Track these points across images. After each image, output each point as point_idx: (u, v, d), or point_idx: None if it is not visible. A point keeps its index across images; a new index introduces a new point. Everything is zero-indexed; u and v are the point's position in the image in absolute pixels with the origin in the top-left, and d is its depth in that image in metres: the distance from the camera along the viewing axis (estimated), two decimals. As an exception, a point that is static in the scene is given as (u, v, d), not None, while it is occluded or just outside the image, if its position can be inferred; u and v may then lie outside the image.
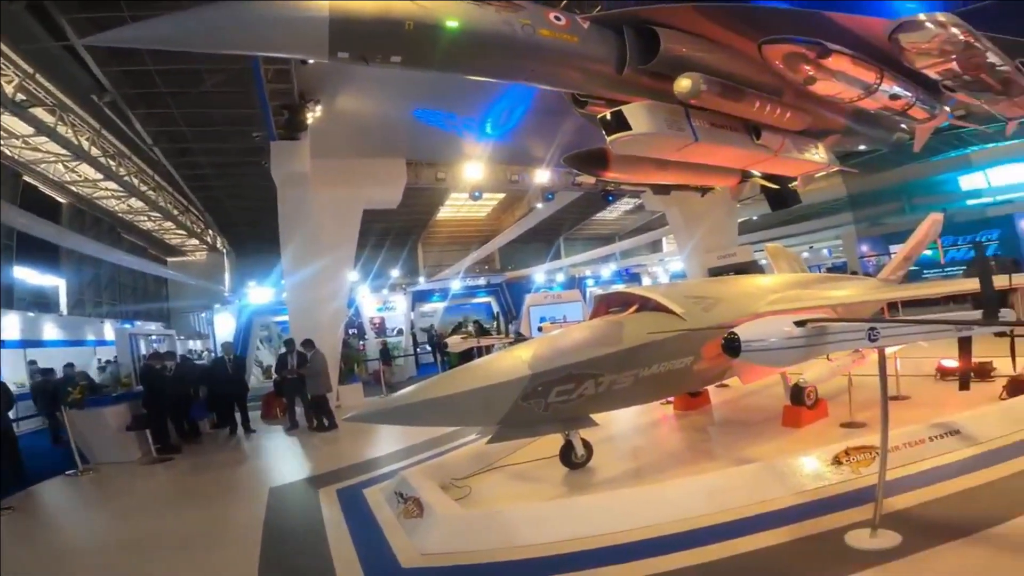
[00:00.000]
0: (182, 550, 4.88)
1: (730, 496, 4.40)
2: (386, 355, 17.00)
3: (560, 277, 26.88)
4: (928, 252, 14.95)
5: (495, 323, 20.53)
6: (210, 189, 18.60)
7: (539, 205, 18.72)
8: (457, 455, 6.50)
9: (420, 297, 22.48)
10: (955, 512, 3.85)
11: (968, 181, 20.26)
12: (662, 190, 14.04)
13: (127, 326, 17.81)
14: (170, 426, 8.99)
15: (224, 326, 16.25)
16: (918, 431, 5.04)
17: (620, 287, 7.95)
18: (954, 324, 4.01)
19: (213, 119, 13.27)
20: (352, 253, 11.55)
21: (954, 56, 5.72)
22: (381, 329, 19.38)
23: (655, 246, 30.66)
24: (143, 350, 14.18)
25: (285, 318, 13.28)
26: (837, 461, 4.68)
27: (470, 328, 18.33)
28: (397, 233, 26.06)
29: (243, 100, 11.35)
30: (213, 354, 15.80)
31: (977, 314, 4.03)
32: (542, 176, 14.22)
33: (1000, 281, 5.50)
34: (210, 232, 24.80)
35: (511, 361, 5.08)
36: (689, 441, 6.54)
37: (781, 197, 12.40)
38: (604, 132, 6.96)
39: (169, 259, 26.33)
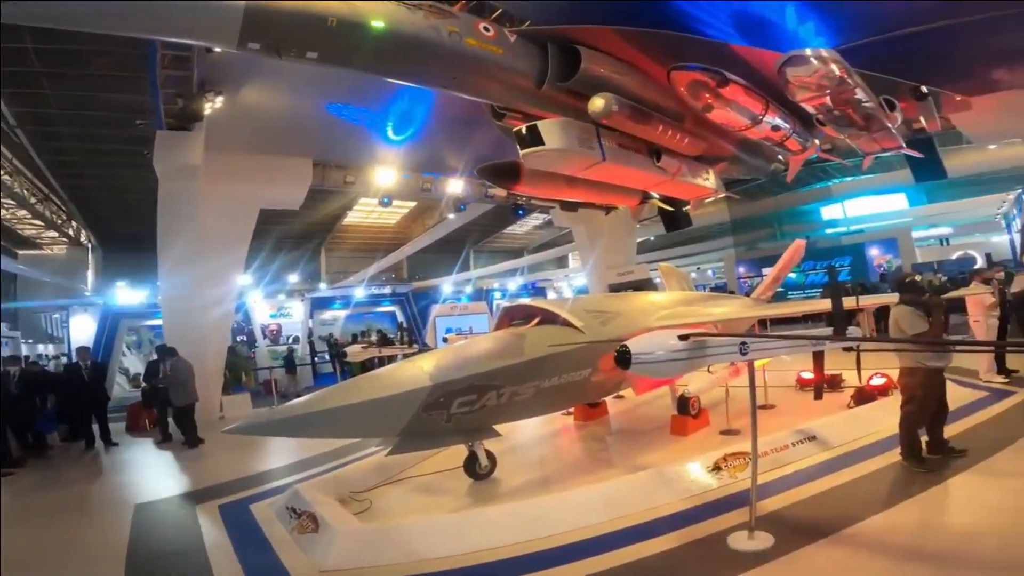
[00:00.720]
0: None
1: (626, 503, 4.61)
2: (291, 363, 15.90)
3: (468, 289, 26.86)
4: (792, 275, 16.98)
5: (399, 333, 20.05)
6: (79, 178, 16.42)
7: (451, 215, 18.65)
8: (356, 467, 6.22)
9: (320, 304, 21.28)
10: (817, 513, 4.28)
11: (828, 211, 23.46)
12: (570, 207, 14.52)
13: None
14: (10, 438, 7.83)
15: (83, 329, 14.15)
16: (782, 437, 5.60)
17: (525, 300, 8.15)
18: (809, 339, 4.59)
19: (92, 103, 11.77)
20: (243, 255, 10.65)
21: (829, 91, 6.44)
22: (276, 336, 18.12)
23: (561, 261, 31.67)
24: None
25: (159, 322, 11.93)
26: (717, 467, 5.08)
27: (372, 337, 17.72)
28: (299, 236, 24.59)
29: (131, 85, 10.16)
30: (67, 359, 13.74)
31: (828, 331, 4.60)
32: (455, 186, 14.12)
33: (848, 302, 6.41)
34: (73, 224, 21.76)
35: (413, 371, 4.99)
36: (588, 450, 6.77)
37: (675, 219, 13.39)
38: (518, 145, 7.11)
39: (20, 252, 22.62)
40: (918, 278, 5.10)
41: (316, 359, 17.02)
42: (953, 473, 4.62)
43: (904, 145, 9.03)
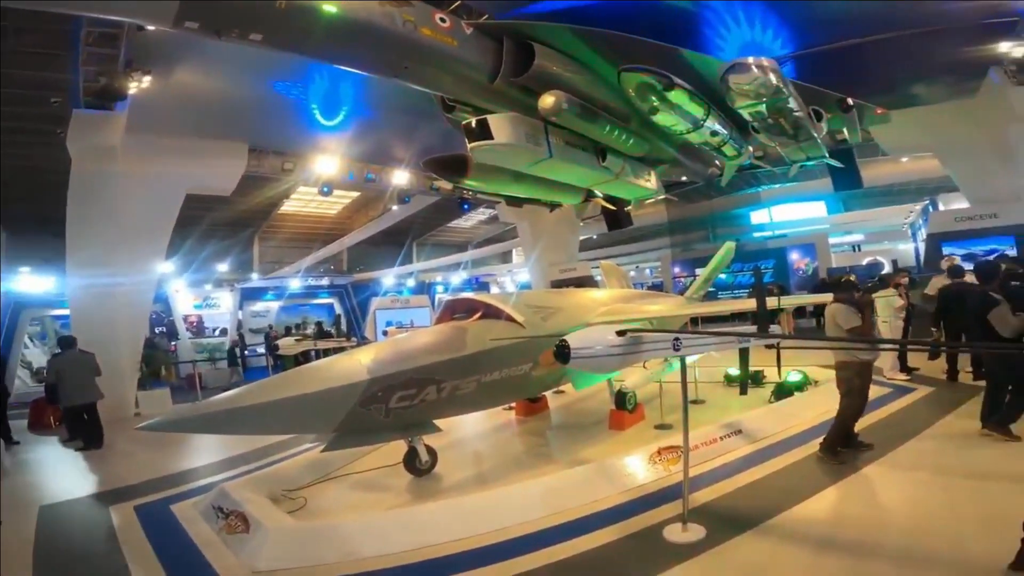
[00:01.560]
0: None
1: (566, 497, 4.70)
2: (234, 358, 14.94)
3: (411, 282, 26.41)
4: (722, 276, 17.89)
5: (336, 325, 19.41)
6: None
7: (395, 207, 18.27)
8: (290, 465, 5.98)
9: (251, 295, 20.19)
10: (744, 504, 4.52)
11: (757, 216, 24.95)
12: (515, 202, 14.63)
13: None
14: None
15: None
16: (712, 431, 5.89)
17: (467, 294, 8.13)
18: (735, 336, 4.85)
19: (10, 81, 10.53)
20: (165, 241, 9.96)
21: (765, 99, 6.81)
22: (198, 329, 17.01)
23: (505, 257, 31.85)
24: None
25: (67, 311, 10.94)
26: (652, 461, 5.26)
27: (309, 330, 17.06)
28: (231, 224, 23.05)
29: (53, 63, 9.21)
30: None
31: (752, 329, 4.87)
32: (400, 177, 13.86)
33: (771, 302, 6.84)
34: None
35: (349, 364, 4.84)
36: (529, 445, 6.83)
37: (617, 218, 13.80)
38: (467, 139, 7.05)
39: None
40: (853, 279, 5.49)
41: (246, 353, 16.10)
42: (862, 465, 5.00)
43: (827, 154, 9.71)
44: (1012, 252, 9.84)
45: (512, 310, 5.87)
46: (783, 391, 7.52)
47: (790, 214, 24.20)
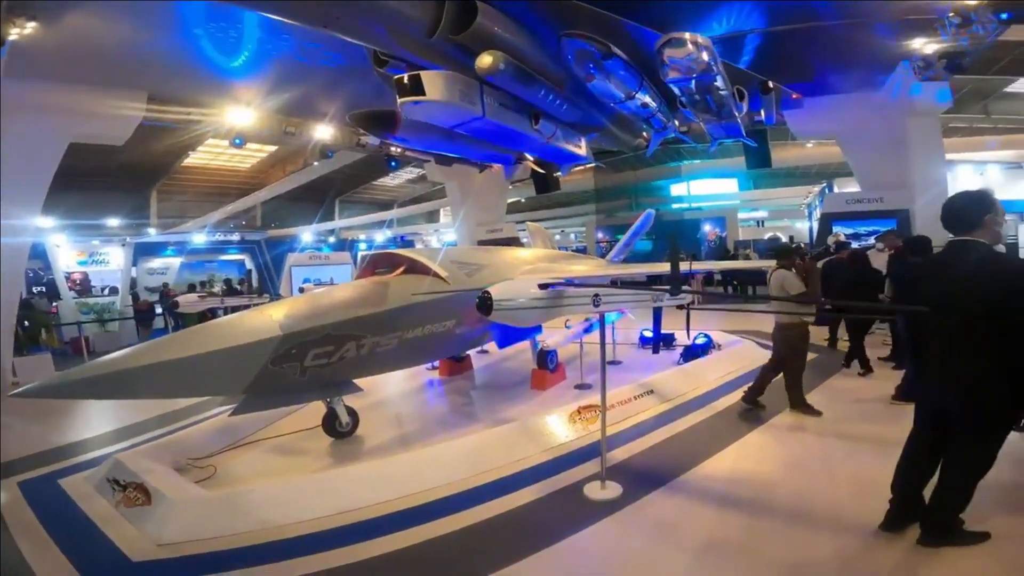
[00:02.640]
0: None
1: (490, 457, 4.76)
2: (148, 317, 13.57)
3: (332, 240, 25.23)
4: (644, 240, 18.74)
5: (247, 282, 18.25)
6: None
7: (316, 163, 17.19)
8: (195, 432, 5.58)
9: (148, 250, 18.34)
10: (657, 462, 4.80)
11: (676, 189, 26.29)
12: (445, 161, 14.32)
13: None
14: None
15: None
16: (627, 391, 6.18)
17: (390, 250, 7.89)
18: (650, 293, 5.04)
19: None
20: (42, 193, 8.76)
21: (695, 75, 7.03)
22: (84, 287, 15.29)
23: (432, 216, 31.27)
24: None
25: None
26: (572, 420, 5.45)
27: (216, 288, 15.92)
28: (125, 175, 20.54)
29: None
30: None
31: (666, 288, 5.11)
32: (323, 132, 12.98)
33: (683, 266, 7.25)
34: None
35: (259, 320, 4.50)
36: (454, 405, 6.84)
37: (546, 182, 13.93)
38: (398, 94, 6.71)
39: None
40: (801, 246, 5.85)
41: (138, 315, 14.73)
42: (752, 427, 5.47)
43: (743, 133, 10.28)
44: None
45: (436, 266, 5.74)
46: (690, 354, 8.06)
47: (706, 188, 25.81)
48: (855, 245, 9.63)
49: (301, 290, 11.79)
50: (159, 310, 14.78)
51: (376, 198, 31.43)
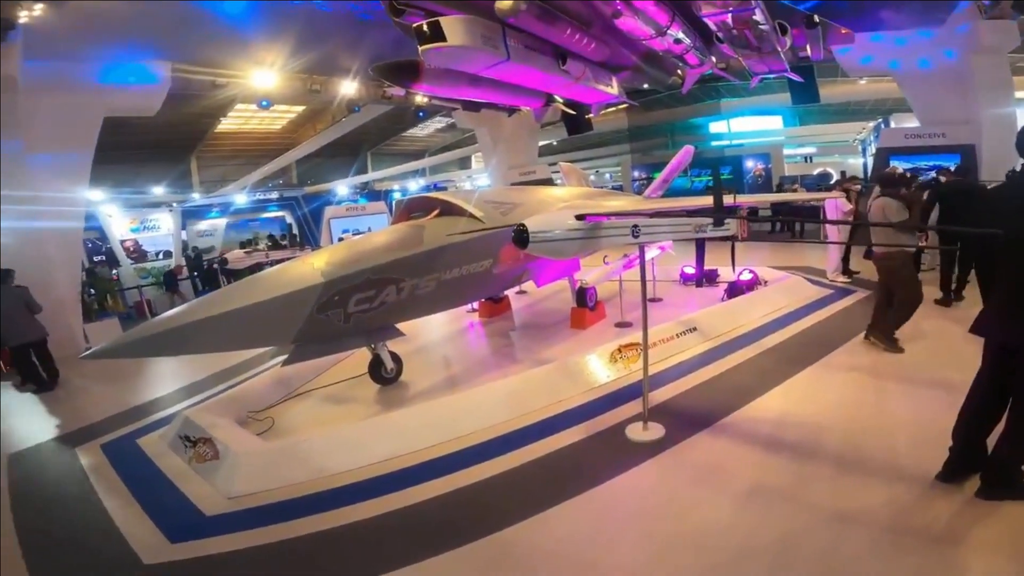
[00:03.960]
0: None
1: (532, 398, 4.83)
2: (172, 281, 14.19)
3: (367, 192, 25.47)
4: (680, 179, 18.09)
5: (289, 236, 18.88)
6: None
7: (344, 119, 17.17)
8: (252, 385, 5.87)
9: (194, 214, 19.02)
10: (701, 402, 4.69)
11: (715, 127, 25.02)
12: (473, 107, 14.02)
13: None
14: None
15: None
16: (669, 328, 6.08)
17: (423, 193, 7.86)
18: (692, 222, 4.82)
19: None
20: (87, 168, 9.10)
21: (732, 8, 6.50)
22: (139, 253, 16.09)
23: (463, 163, 31.06)
24: None
25: None
26: (613, 359, 5.42)
27: (261, 245, 16.56)
28: (164, 145, 21.15)
29: None
30: None
31: (710, 218, 4.88)
32: (348, 87, 12.81)
33: (728, 200, 6.91)
34: None
35: (302, 269, 4.58)
36: (494, 346, 6.89)
37: (577, 124, 13.49)
38: (418, 43, 6.48)
39: None
40: (908, 174, 5.53)
41: (195, 274, 15.50)
42: (802, 367, 5.23)
43: (788, 69, 9.57)
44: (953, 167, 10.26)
45: (470, 206, 5.70)
46: (735, 290, 7.79)
47: (747, 126, 24.48)
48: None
49: (340, 240, 12.07)
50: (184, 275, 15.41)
51: (407, 149, 31.28)
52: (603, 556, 2.91)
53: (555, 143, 26.83)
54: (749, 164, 21.69)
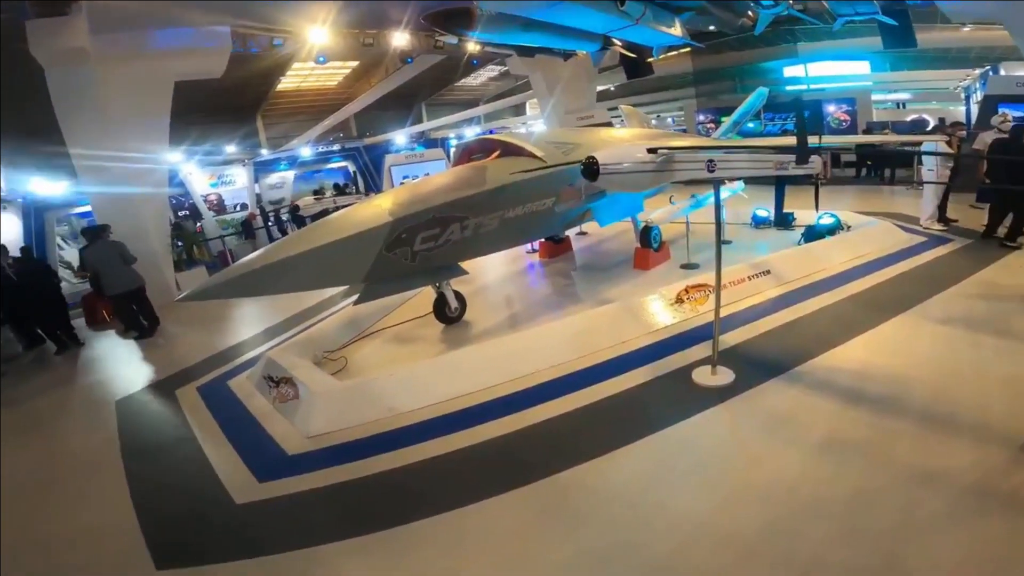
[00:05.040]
0: (41, 492, 3.96)
1: (595, 338, 4.78)
2: (250, 230, 15.17)
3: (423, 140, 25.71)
4: (751, 125, 16.88)
5: (354, 183, 19.61)
6: None
7: (398, 70, 17.17)
8: (326, 326, 6.14)
9: (264, 168, 20.00)
10: (774, 349, 4.47)
11: (790, 71, 22.90)
12: (527, 53, 13.56)
13: None
14: None
15: (8, 229, 12.60)
16: (740, 270, 5.80)
17: (484, 136, 7.79)
18: (773, 159, 4.43)
19: None
20: (165, 130, 9.61)
21: None
22: (220, 207, 17.19)
23: (519, 110, 30.57)
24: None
25: (87, 208, 10.90)
26: (679, 300, 5.27)
27: (328, 194, 17.41)
28: (231, 107, 22.26)
29: None
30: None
31: (791, 158, 4.48)
32: (400, 39, 12.68)
33: (812, 139, 6.36)
34: None
35: (370, 210, 4.68)
36: (556, 286, 6.84)
37: (637, 67, 12.76)
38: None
39: None
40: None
41: (269, 224, 16.45)
42: (889, 315, 4.84)
43: (879, 10, 8.51)
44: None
45: (531, 146, 5.64)
46: (813, 234, 7.24)
47: (828, 71, 22.10)
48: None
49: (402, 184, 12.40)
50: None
51: (461, 98, 31.11)
52: (665, 503, 2.89)
53: (613, 88, 25.73)
54: (831, 108, 19.99)
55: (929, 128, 14.55)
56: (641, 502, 2.92)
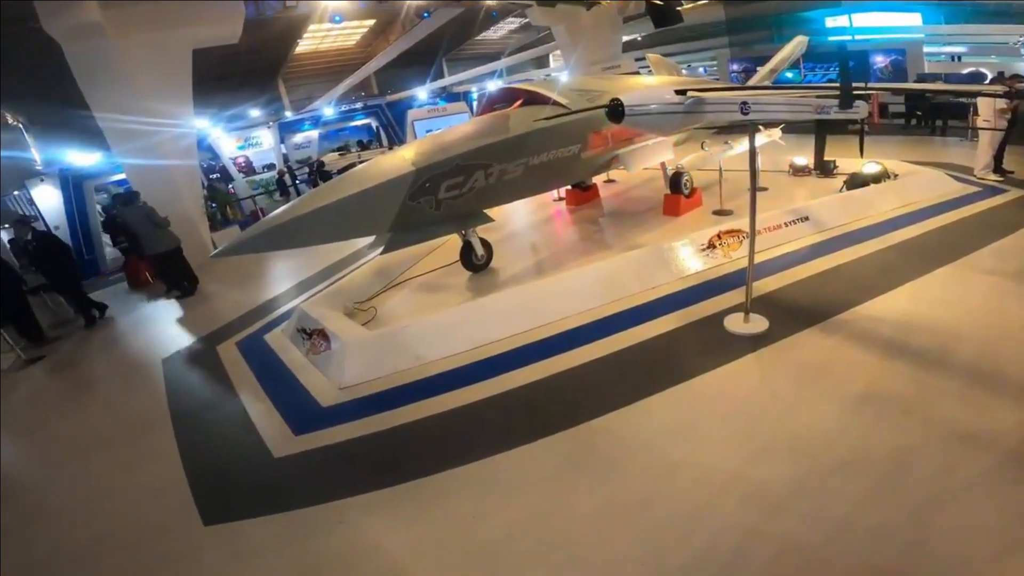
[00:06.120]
0: (101, 449, 4.15)
1: (623, 284, 4.70)
2: (284, 187, 15.46)
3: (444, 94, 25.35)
4: (789, 75, 15.96)
5: (377, 139, 19.68)
6: None
7: (418, 25, 16.79)
8: (355, 278, 6.21)
9: (289, 128, 20.16)
10: (811, 297, 4.28)
11: (833, 21, 21.35)
12: (547, 2, 13.00)
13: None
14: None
15: (48, 199, 13.00)
16: (776, 216, 5.57)
17: (507, 85, 7.57)
18: (813, 102, 4.13)
19: None
20: (189, 97, 9.66)
21: None
22: (249, 168, 17.46)
23: (541, 62, 29.75)
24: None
25: (122, 176, 11.19)
26: (711, 245, 5.13)
27: (353, 150, 17.50)
28: (251, 71, 22.34)
29: None
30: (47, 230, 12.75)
31: (834, 102, 4.17)
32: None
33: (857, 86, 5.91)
34: None
35: (394, 161, 4.70)
36: (583, 233, 6.75)
37: (664, 15, 12.12)
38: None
39: None
40: None
41: (297, 181, 16.74)
42: (937, 265, 4.57)
43: None
44: None
45: (555, 94, 5.54)
46: (857, 182, 6.81)
47: (875, 21, 20.42)
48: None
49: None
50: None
51: (482, 52, 30.51)
52: (694, 453, 2.84)
53: (639, 38, 24.60)
54: (878, 59, 18.73)
55: (987, 81, 13.49)
56: (669, 452, 2.89)
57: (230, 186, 16.20)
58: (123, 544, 3.01)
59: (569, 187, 8.07)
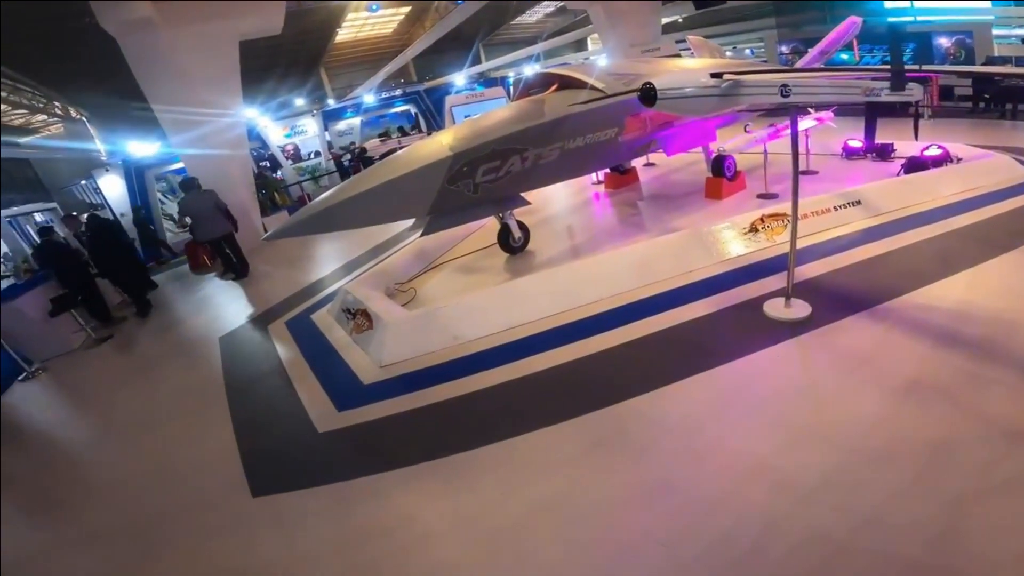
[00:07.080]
0: (164, 424, 4.40)
1: (660, 267, 4.66)
2: (343, 169, 16.05)
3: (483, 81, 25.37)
4: (844, 56, 15.09)
5: (416, 125, 20.01)
6: (35, 62, 15.23)
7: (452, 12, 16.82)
8: (396, 259, 6.38)
9: (332, 116, 20.66)
10: (858, 282, 4.09)
11: (892, 2, 19.93)
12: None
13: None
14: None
15: (113, 188, 13.79)
16: (825, 200, 5.33)
17: (543, 69, 7.51)
18: (860, 84, 3.93)
19: None
20: (237, 86, 10.05)
21: None
22: (296, 156, 18.09)
23: (580, 45, 29.30)
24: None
25: (180, 165, 11.72)
26: (754, 228, 5.01)
27: (393, 136, 18.24)
28: (294, 62, 23.06)
29: None
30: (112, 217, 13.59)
31: (885, 84, 3.96)
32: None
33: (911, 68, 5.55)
34: (57, 104, 20.62)
35: (432, 146, 4.81)
36: (621, 215, 6.70)
37: (705, -5, 11.64)
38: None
39: (20, 140, 21.79)
40: None
41: (345, 166, 17.28)
42: (999, 252, 4.26)
43: None
44: None
45: (591, 79, 5.50)
46: (916, 165, 6.44)
47: (937, 3, 18.87)
48: None
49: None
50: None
51: (519, 36, 30.30)
52: (726, 438, 2.79)
53: (680, 19, 23.81)
54: (942, 41, 17.40)
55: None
56: (698, 436, 2.86)
57: (278, 172, 16.79)
58: (180, 514, 3.21)
59: (608, 170, 8.01)
